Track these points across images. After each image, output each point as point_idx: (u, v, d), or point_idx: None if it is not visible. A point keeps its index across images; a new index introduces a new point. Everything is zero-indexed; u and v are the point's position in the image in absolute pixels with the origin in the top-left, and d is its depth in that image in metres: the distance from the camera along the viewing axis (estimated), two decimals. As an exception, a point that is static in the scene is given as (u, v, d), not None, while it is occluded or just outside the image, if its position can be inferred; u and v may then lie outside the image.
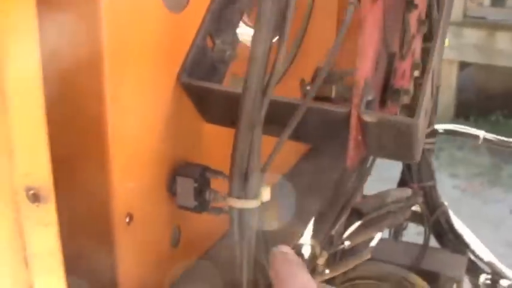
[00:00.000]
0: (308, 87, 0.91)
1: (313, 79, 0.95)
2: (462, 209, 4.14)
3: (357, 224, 0.95)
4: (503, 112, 5.39)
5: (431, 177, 1.32)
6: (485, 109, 5.44)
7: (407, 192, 1.09)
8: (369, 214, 0.97)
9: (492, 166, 4.89)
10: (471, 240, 1.33)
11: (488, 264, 1.30)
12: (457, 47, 5.35)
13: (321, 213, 0.83)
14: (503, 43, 5.28)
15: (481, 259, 1.30)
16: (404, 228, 1.41)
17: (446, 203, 1.35)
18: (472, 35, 5.37)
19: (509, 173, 4.82)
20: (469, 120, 5.41)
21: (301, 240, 0.81)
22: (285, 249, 0.58)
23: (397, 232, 1.40)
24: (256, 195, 0.54)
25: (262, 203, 0.56)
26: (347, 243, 0.89)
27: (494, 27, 5.32)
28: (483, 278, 1.30)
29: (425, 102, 0.62)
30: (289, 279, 0.54)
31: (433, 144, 1.32)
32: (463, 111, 5.46)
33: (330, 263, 0.85)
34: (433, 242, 1.36)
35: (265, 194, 0.55)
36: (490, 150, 5.03)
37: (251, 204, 0.54)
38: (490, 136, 1.33)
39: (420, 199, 1.08)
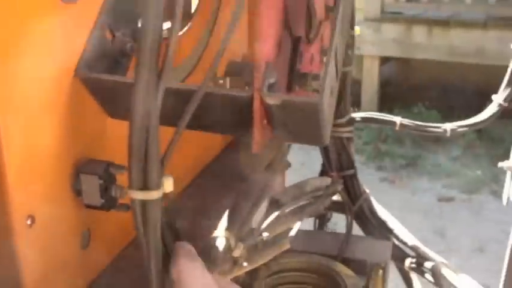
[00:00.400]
0: (221, 81, 0.90)
1: (226, 73, 0.93)
2: (392, 201, 4.23)
3: (275, 214, 0.95)
4: (424, 103, 5.53)
5: (352, 165, 1.33)
6: (407, 101, 5.58)
7: (326, 181, 1.09)
8: (287, 204, 0.96)
9: (417, 157, 5.02)
10: (395, 226, 1.34)
11: (413, 248, 1.32)
12: (377, 42, 5.47)
13: (236, 205, 0.82)
14: (420, 37, 5.43)
15: (405, 243, 1.32)
16: (329, 219, 1.42)
17: (368, 191, 1.37)
18: (391, 30, 5.50)
19: (433, 162, 4.95)
20: (393, 113, 5.51)
21: (215, 233, 0.80)
22: (187, 246, 0.58)
23: (321, 223, 1.41)
24: (157, 186, 0.52)
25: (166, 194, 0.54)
26: (265, 234, 0.88)
27: (410, 21, 5.47)
28: (408, 262, 1.31)
29: (330, 81, 0.61)
30: (190, 280, 0.54)
31: (351, 133, 1.33)
32: (387, 105, 5.58)
33: (252, 255, 0.84)
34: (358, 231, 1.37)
35: (168, 185, 0.53)
36: (413, 142, 5.17)
37: (152, 195, 0.52)
38: (406, 121, 1.35)
39: (340, 187, 1.08)
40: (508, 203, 1.31)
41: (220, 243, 0.77)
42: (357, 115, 1.33)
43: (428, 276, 1.27)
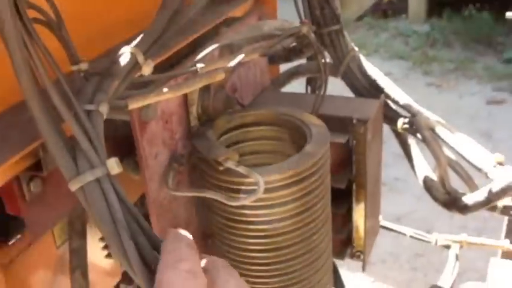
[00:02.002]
0: None
1: None
2: (438, 105, 4.05)
3: (212, 47, 0.85)
4: (475, 6, 5.22)
5: (337, 20, 1.21)
6: (457, 4, 5.27)
7: (289, 23, 0.98)
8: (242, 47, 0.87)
9: (466, 60, 4.76)
10: (386, 84, 1.22)
11: (405, 106, 1.19)
12: None
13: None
14: None
15: (396, 102, 1.19)
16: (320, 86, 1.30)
17: (356, 48, 1.24)
18: None
19: (483, 65, 4.70)
20: (442, 18, 5.26)
21: (122, 50, 0.70)
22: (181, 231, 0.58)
23: (313, 87, 1.30)
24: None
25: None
26: (199, 65, 0.79)
27: None
28: (401, 123, 1.19)
29: None
30: (175, 264, 0.51)
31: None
32: (436, 9, 5.30)
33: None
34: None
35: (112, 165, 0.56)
36: (463, 45, 4.90)
37: (89, 176, 0.55)
38: None
39: (306, 29, 0.97)
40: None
41: (124, 59, 0.68)
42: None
43: (420, 136, 1.15)
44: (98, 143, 0.58)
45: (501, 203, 1.25)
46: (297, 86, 1.35)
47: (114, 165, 0.57)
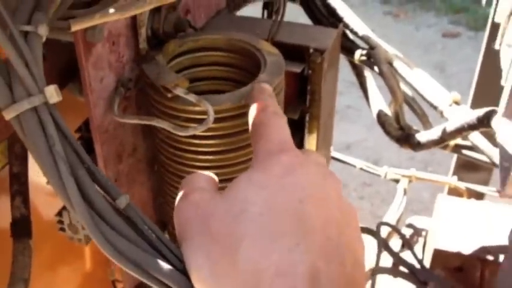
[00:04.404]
0: None
1: None
2: (394, 35, 4.03)
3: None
4: None
5: None
6: None
7: None
8: None
9: (424, -10, 4.74)
10: (345, 14, 1.18)
11: (364, 38, 1.16)
12: None
13: None
14: None
15: (355, 33, 1.16)
16: (277, 11, 1.25)
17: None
18: None
19: (441, -4, 4.68)
20: None
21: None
22: (266, 86, 0.68)
23: (270, 12, 1.25)
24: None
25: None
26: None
27: None
28: (358, 54, 1.16)
29: None
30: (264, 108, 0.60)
31: None
32: None
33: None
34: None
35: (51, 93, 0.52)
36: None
37: (26, 105, 0.51)
38: None
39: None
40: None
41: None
42: None
43: (377, 69, 1.13)
44: (35, 69, 0.53)
45: (452, 141, 1.25)
46: (253, 10, 1.30)
47: (53, 93, 0.53)
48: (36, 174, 0.93)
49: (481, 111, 0.88)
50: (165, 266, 0.52)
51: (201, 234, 0.47)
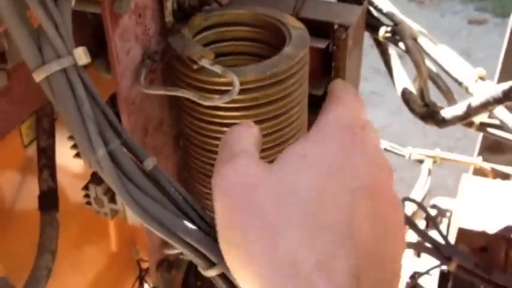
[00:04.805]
0: None
1: None
2: (418, 22, 4.00)
3: None
4: None
5: None
6: None
7: None
8: None
9: (450, -23, 4.69)
10: (369, -10, 1.17)
11: (388, 15, 1.15)
12: None
13: None
14: None
15: (379, 10, 1.16)
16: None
17: None
18: None
19: (467, -17, 4.62)
20: None
21: None
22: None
23: None
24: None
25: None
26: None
27: None
28: (383, 31, 1.16)
29: None
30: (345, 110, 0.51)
31: None
32: None
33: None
34: None
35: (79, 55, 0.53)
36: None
37: (55, 66, 0.51)
38: None
39: None
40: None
41: None
42: None
43: (402, 45, 1.12)
44: (64, 31, 0.54)
45: (478, 119, 1.24)
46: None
47: (81, 55, 0.54)
48: (63, 149, 0.94)
49: (506, 85, 0.87)
50: (191, 226, 0.53)
51: (241, 207, 0.43)
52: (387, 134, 3.11)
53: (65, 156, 0.97)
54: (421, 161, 1.62)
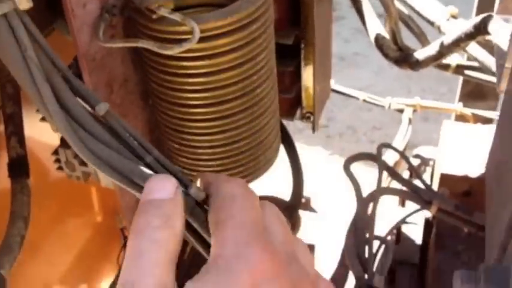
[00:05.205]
0: None
1: None
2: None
3: None
4: None
5: None
6: None
7: None
8: None
9: None
10: None
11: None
12: None
13: None
14: None
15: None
16: None
17: None
18: None
19: None
20: None
21: None
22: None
23: None
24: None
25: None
26: None
27: None
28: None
29: None
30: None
31: None
32: None
33: None
34: None
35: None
36: None
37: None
38: None
39: None
40: None
41: None
42: None
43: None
44: None
45: (454, 62, 1.22)
46: None
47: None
48: (29, 115, 0.92)
49: (477, 19, 0.85)
50: (146, 170, 0.51)
51: None
52: (371, 93, 3.10)
53: (32, 121, 0.95)
54: (401, 111, 1.60)
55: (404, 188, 1.19)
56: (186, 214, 0.49)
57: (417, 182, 1.28)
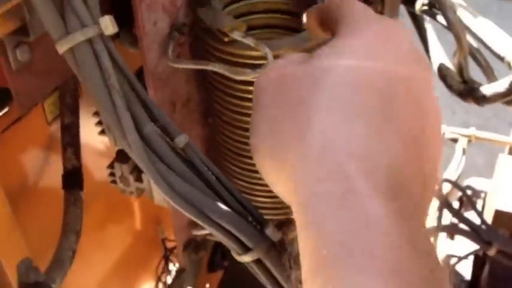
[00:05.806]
0: None
1: None
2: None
3: None
4: None
5: None
6: None
7: None
8: None
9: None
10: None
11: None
12: None
13: None
14: None
15: None
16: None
17: None
18: None
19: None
20: None
21: None
22: None
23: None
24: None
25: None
26: None
27: None
28: (420, 4, 1.11)
29: None
30: None
31: None
32: None
33: None
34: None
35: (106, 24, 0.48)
36: None
37: (79, 36, 0.47)
38: None
39: None
40: None
41: None
42: None
43: (441, 19, 1.06)
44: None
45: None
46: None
47: (108, 24, 0.50)
48: (87, 126, 0.91)
49: (554, 58, 0.82)
50: (222, 207, 0.49)
51: (272, 98, 0.42)
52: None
53: (90, 133, 0.94)
54: (455, 140, 1.56)
55: (461, 225, 1.16)
56: (261, 254, 0.48)
57: (468, 215, 1.24)
